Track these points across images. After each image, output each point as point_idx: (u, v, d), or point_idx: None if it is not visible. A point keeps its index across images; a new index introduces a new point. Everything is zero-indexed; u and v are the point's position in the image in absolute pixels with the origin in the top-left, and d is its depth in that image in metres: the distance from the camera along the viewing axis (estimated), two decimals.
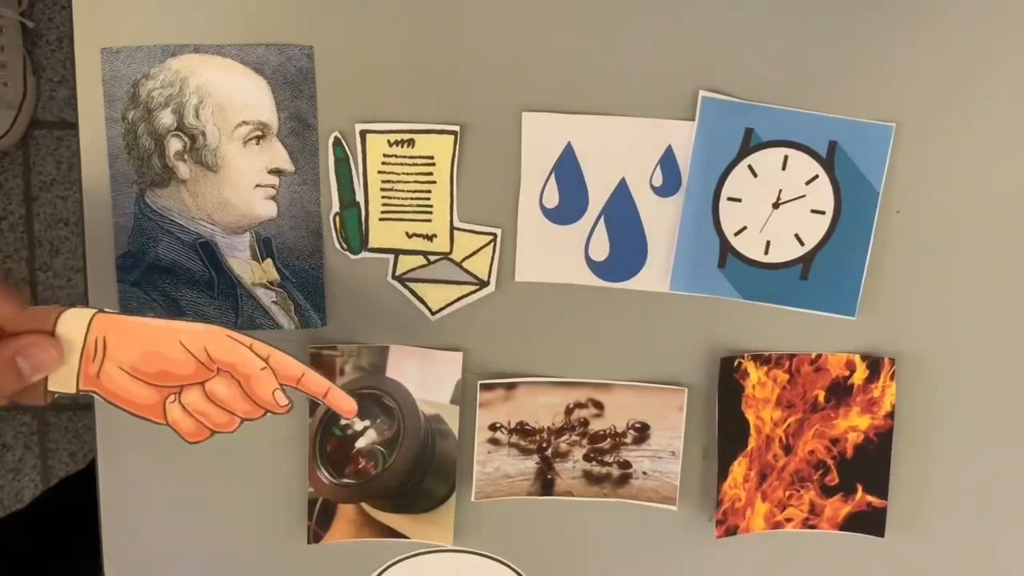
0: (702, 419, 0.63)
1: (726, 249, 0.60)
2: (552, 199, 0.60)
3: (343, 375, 0.62)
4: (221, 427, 0.49)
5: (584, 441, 0.63)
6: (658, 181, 0.60)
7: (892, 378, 0.61)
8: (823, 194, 0.59)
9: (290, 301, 0.61)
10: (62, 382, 0.46)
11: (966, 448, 0.63)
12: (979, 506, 0.64)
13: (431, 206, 0.60)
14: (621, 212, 0.60)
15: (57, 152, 1.43)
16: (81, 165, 0.60)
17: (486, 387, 0.62)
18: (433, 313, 0.62)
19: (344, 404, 0.50)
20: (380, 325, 0.62)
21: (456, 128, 0.59)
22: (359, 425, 0.62)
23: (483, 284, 0.61)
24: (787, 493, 0.63)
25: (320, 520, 0.64)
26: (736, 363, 0.61)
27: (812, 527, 0.63)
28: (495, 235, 0.61)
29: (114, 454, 0.63)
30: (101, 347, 0.46)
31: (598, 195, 0.60)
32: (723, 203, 0.60)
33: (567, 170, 0.60)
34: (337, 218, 0.60)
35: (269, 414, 0.49)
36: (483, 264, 0.61)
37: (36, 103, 1.42)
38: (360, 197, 0.60)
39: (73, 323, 0.46)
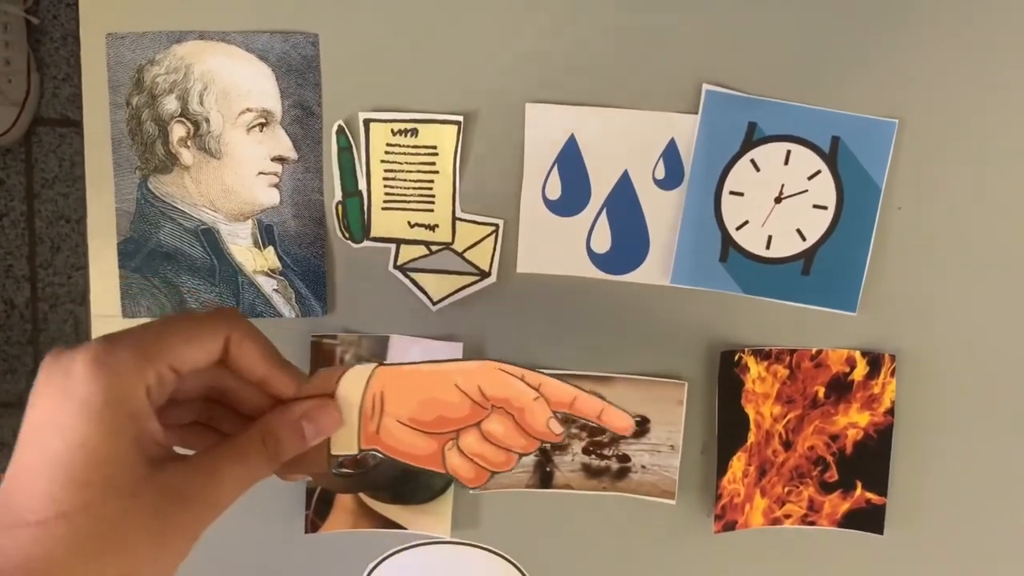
0: (702, 413, 0.63)
1: (728, 243, 0.60)
2: (554, 191, 0.60)
3: (343, 365, 0.61)
4: (499, 467, 0.46)
5: (583, 434, 0.63)
6: (660, 174, 0.60)
7: (892, 375, 0.61)
8: (825, 189, 0.59)
9: (291, 289, 0.61)
10: (343, 444, 0.45)
11: (966, 445, 0.63)
12: (978, 504, 0.63)
13: (433, 196, 0.60)
14: (623, 205, 0.60)
15: (59, 149, 1.43)
16: (85, 151, 0.60)
17: None
18: (434, 303, 0.62)
19: (620, 422, 0.46)
20: (381, 315, 0.62)
21: (459, 118, 0.59)
22: None
23: (484, 275, 0.61)
24: (786, 489, 0.63)
25: (318, 510, 0.63)
26: (736, 357, 0.61)
27: (811, 523, 0.63)
28: (497, 226, 0.61)
29: None
30: (379, 403, 0.45)
31: (600, 187, 0.60)
32: (725, 197, 0.60)
33: (570, 162, 0.60)
34: (339, 207, 0.60)
35: None
36: (485, 255, 0.61)
37: (39, 100, 1.42)
38: (363, 186, 0.60)
39: (353, 383, 0.45)
